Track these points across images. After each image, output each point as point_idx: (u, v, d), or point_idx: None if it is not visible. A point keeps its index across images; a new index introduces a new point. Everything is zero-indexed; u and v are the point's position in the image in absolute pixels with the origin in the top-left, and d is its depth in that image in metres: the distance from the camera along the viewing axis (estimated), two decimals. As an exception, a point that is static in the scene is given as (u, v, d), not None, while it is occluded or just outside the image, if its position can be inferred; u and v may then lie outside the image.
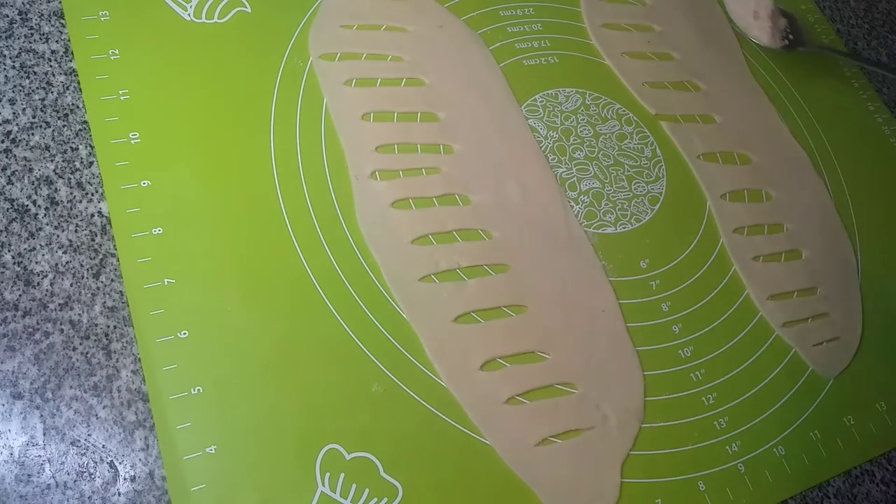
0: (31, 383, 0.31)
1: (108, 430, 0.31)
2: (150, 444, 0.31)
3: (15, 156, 0.34)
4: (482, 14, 0.47)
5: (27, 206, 0.33)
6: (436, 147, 0.41)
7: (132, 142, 0.35)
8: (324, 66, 0.41)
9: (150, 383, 0.31)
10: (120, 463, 0.30)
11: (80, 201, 0.34)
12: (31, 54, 0.37)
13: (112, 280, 0.33)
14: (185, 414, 0.31)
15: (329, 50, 0.41)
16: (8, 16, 0.37)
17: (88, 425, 0.30)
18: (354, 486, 0.32)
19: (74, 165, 0.35)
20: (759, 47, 0.53)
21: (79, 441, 0.30)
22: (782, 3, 0.56)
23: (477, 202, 0.40)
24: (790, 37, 0.53)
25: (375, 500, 0.32)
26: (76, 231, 0.34)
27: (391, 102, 0.41)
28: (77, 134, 0.36)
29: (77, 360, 0.31)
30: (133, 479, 0.30)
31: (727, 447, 0.38)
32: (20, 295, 0.32)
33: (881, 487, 0.41)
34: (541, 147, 0.43)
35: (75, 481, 0.30)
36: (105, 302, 0.33)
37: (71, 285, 0.32)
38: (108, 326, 0.32)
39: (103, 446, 0.30)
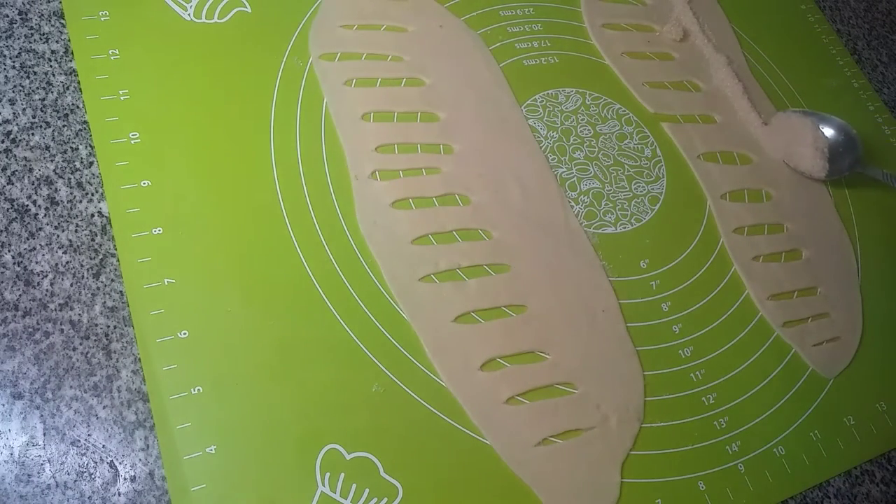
0: (31, 383, 0.31)
1: (108, 430, 0.31)
2: (150, 444, 0.31)
3: (15, 156, 0.34)
4: (482, 14, 0.47)
5: (27, 206, 0.33)
6: (436, 147, 0.41)
7: (132, 142, 0.35)
8: (324, 66, 0.41)
9: (150, 383, 0.31)
10: (120, 463, 0.30)
11: (80, 201, 0.34)
12: (31, 54, 0.37)
13: (112, 280, 0.33)
14: (185, 414, 0.31)
15: (329, 50, 0.41)
16: (8, 16, 0.37)
17: (88, 425, 0.30)
18: (354, 486, 0.32)
19: (74, 165, 0.35)
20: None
21: (79, 441, 0.30)
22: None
23: (477, 202, 0.40)
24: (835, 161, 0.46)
25: (375, 500, 0.32)
26: (76, 231, 0.34)
27: (391, 102, 0.41)
28: (77, 134, 0.36)
29: (77, 360, 0.31)
30: (133, 479, 0.30)
31: (727, 447, 0.38)
32: (20, 295, 0.32)
33: (881, 487, 0.41)
34: (541, 147, 0.43)
35: (75, 481, 0.30)
36: (105, 302, 0.33)
37: (71, 285, 0.32)
38: (108, 326, 0.32)
39: (103, 446, 0.30)
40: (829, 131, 0.47)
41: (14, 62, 0.36)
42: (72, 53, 0.37)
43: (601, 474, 0.35)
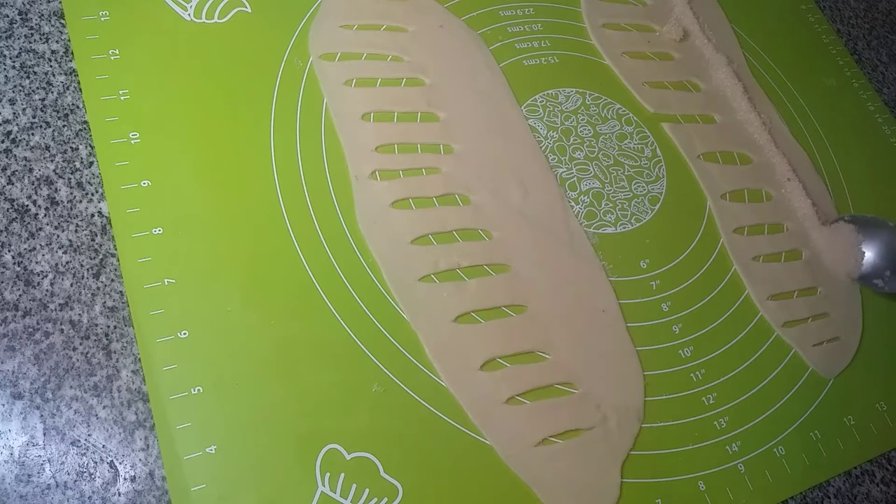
0: (31, 383, 0.31)
1: (108, 430, 0.31)
2: (150, 444, 0.31)
3: (15, 156, 0.34)
4: (482, 14, 0.47)
5: (27, 206, 0.33)
6: (436, 147, 0.41)
7: (132, 142, 0.35)
8: (324, 66, 0.41)
9: (150, 383, 0.31)
10: (120, 463, 0.30)
11: (80, 201, 0.34)
12: (31, 54, 0.37)
13: (112, 280, 0.33)
14: (185, 414, 0.31)
15: (329, 50, 0.41)
16: (8, 16, 0.37)
17: (88, 425, 0.30)
18: (354, 486, 0.32)
19: (74, 165, 0.35)
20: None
21: (79, 441, 0.30)
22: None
23: (477, 202, 0.40)
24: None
25: (375, 500, 0.32)
26: (76, 231, 0.34)
27: (391, 102, 0.41)
28: (77, 134, 0.36)
29: (77, 360, 0.31)
30: (133, 479, 0.30)
31: (727, 447, 0.38)
32: (20, 295, 0.32)
33: (881, 487, 0.41)
34: (541, 147, 0.43)
35: (75, 481, 0.30)
36: (105, 302, 0.33)
37: (71, 285, 0.32)
38: (108, 326, 0.32)
39: (103, 446, 0.30)
40: (882, 240, 0.46)
41: (14, 62, 0.36)
42: (72, 53, 0.37)
43: (601, 474, 0.35)
